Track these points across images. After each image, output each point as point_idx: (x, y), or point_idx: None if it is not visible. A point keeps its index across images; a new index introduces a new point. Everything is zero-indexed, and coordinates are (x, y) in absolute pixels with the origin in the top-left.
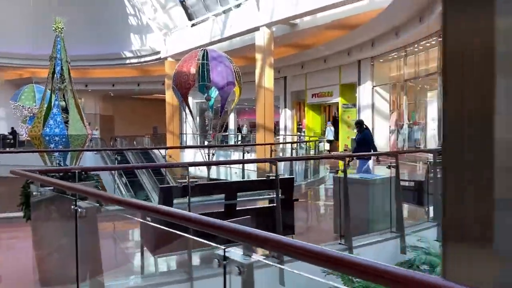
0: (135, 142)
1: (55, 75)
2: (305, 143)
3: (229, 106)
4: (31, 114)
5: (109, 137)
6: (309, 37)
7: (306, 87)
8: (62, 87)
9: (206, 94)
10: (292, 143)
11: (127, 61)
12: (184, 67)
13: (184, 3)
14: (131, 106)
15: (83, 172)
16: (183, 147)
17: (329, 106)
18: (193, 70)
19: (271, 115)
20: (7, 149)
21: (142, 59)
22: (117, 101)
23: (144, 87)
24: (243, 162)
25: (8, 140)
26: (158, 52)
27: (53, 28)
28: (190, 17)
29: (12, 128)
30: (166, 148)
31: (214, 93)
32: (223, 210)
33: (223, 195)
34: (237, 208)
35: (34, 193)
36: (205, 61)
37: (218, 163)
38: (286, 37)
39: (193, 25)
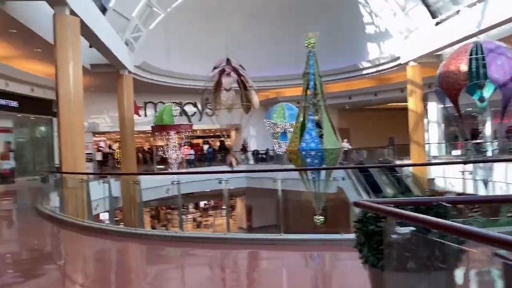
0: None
1: (308, 91)
2: None
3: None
4: (282, 131)
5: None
6: None
7: None
8: (315, 102)
9: (479, 95)
10: None
11: (364, 72)
12: (452, 65)
13: (426, 1)
14: (367, 117)
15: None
16: (436, 164)
17: None
18: (463, 68)
19: None
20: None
21: (380, 68)
22: (353, 113)
23: (381, 97)
24: None
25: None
26: (398, 58)
27: (305, 44)
28: (433, 15)
29: (243, 144)
30: (412, 165)
31: (489, 92)
32: None
33: None
34: None
35: (391, 235)
36: (479, 55)
37: None
38: None
39: (437, 23)
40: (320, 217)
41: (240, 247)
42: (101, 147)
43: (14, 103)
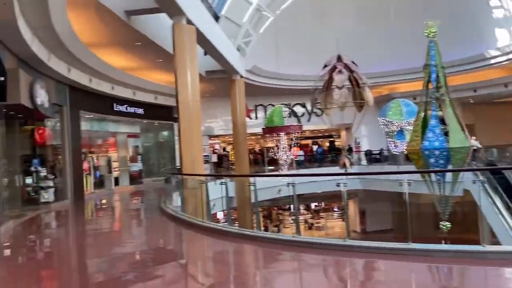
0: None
1: (430, 84)
2: None
3: None
4: (399, 129)
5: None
6: None
7: None
8: (438, 96)
9: None
10: None
11: (492, 61)
12: None
13: None
14: (494, 112)
15: None
16: None
17: None
18: None
19: None
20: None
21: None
22: (478, 107)
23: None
24: None
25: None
26: None
27: (425, 33)
28: None
29: (349, 145)
30: None
31: None
32: None
33: None
34: None
35: None
36: None
37: None
38: None
39: None
40: (447, 223)
41: (361, 255)
42: (216, 149)
43: (140, 111)
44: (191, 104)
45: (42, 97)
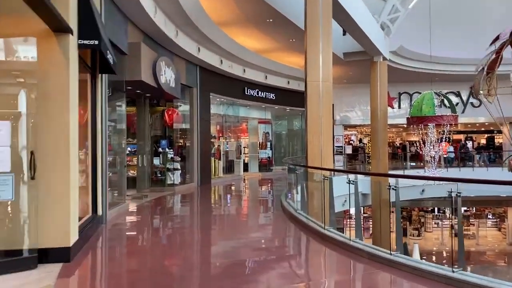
0: None
1: None
2: None
3: None
4: None
5: None
6: None
7: None
8: None
9: None
10: None
11: None
12: None
13: None
14: None
15: None
16: None
17: None
18: None
19: None
20: None
21: None
22: None
23: None
24: None
25: None
26: None
27: None
28: None
29: None
30: None
31: None
32: None
33: None
34: None
35: None
36: None
37: None
38: None
39: None
40: None
41: None
42: (351, 140)
43: (271, 96)
44: (321, 86)
45: (167, 75)
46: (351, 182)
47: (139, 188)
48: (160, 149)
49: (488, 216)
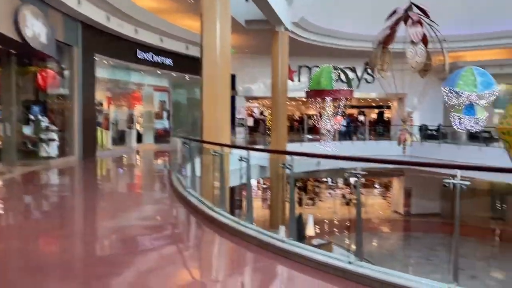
0: None
1: None
2: None
3: None
4: (468, 102)
5: None
6: None
7: None
8: None
9: None
10: None
11: None
12: None
13: None
14: None
15: None
16: None
17: None
18: None
19: None
20: None
21: None
22: None
23: None
24: None
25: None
26: None
27: None
28: None
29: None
30: None
31: None
32: None
33: None
34: None
35: None
36: None
37: None
38: None
39: None
40: None
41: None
42: (254, 112)
43: (168, 61)
44: (218, 52)
45: (36, 29)
46: (243, 159)
47: (5, 161)
48: (32, 117)
49: (375, 186)
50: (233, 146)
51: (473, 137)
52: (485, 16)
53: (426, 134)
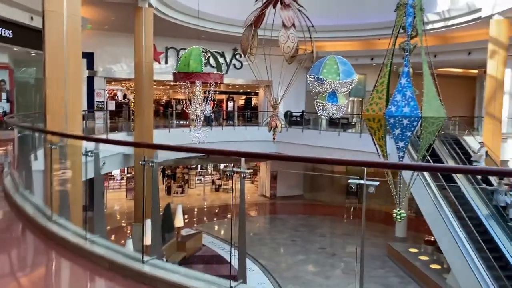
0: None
1: (402, 31)
2: None
3: None
4: (330, 90)
5: None
6: None
7: None
8: (411, 49)
9: None
10: None
11: (429, 27)
12: None
13: None
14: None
15: None
16: None
17: None
18: None
19: None
20: None
21: (451, 22)
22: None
23: (442, 59)
24: None
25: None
26: (478, 10)
27: None
28: None
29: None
30: None
31: None
32: None
33: None
34: None
35: None
36: None
37: None
38: None
39: None
40: (402, 211)
41: None
42: (117, 96)
43: (7, 33)
44: (66, 19)
45: None
46: (89, 154)
47: None
48: None
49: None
50: (82, 137)
51: (332, 123)
52: (350, 8)
53: (291, 120)
